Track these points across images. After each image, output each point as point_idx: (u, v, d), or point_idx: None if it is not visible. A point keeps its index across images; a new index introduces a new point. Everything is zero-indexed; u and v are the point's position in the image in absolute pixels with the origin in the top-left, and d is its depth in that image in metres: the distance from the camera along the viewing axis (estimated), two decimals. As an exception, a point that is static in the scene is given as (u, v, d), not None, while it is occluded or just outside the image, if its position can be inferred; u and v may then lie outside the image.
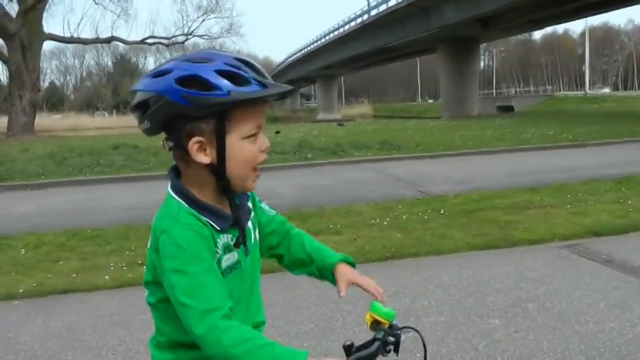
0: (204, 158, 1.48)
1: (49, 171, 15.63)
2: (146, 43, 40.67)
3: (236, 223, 1.59)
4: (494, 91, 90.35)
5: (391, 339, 1.64)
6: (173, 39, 40.88)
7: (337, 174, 14.14)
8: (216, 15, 42.05)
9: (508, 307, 4.71)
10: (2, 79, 76.69)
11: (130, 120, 77.53)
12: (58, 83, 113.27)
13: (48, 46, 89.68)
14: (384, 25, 49.54)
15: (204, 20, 39.67)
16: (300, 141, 20.76)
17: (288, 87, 1.54)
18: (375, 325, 1.68)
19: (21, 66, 31.43)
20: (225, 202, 1.59)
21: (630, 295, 4.86)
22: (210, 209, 1.54)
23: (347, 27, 60.28)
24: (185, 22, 42.96)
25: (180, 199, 1.53)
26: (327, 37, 69.56)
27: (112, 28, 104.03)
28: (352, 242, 7.09)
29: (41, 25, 30.27)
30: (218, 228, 1.54)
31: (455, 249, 6.61)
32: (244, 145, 1.52)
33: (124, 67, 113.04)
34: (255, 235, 1.71)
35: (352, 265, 1.83)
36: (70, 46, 59.10)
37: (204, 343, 1.39)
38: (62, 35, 35.36)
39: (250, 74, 1.47)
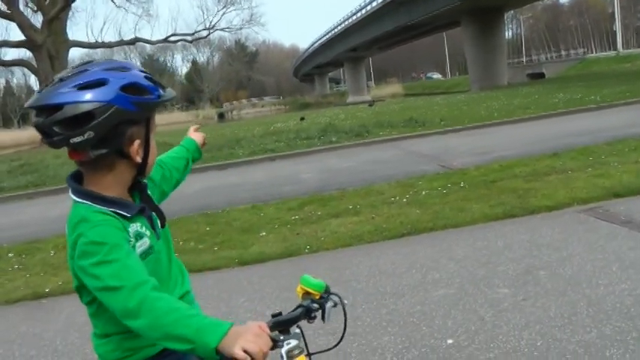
0: (138, 158, 1.64)
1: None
2: (170, 42, 40.94)
3: (142, 210, 1.71)
4: (524, 59, 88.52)
5: (315, 306, 1.71)
6: (196, 34, 41.06)
7: (361, 155, 14.11)
8: (235, 7, 42.15)
9: (519, 275, 4.66)
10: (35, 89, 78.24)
11: (162, 118, 78.64)
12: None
13: (77, 53, 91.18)
14: (406, 1, 48.97)
15: (224, 13, 39.68)
16: (325, 125, 20.75)
17: (174, 93, 1.77)
18: (306, 296, 1.74)
19: (50, 75, 31.78)
20: (129, 196, 1.74)
21: (646, 255, 4.77)
22: (117, 202, 1.64)
23: (369, 7, 59.73)
24: (206, 16, 43.16)
25: (86, 201, 1.61)
26: (351, 20, 69.09)
27: (135, 30, 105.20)
28: (370, 221, 7.09)
29: (66, 34, 30.71)
30: (128, 215, 1.64)
31: (472, 221, 6.54)
32: (154, 142, 1.73)
33: (153, 67, 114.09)
34: (161, 214, 1.84)
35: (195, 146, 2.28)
36: (98, 51, 59.78)
37: (138, 315, 1.46)
38: (87, 41, 35.80)
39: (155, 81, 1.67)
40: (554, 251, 5.14)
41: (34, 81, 69.10)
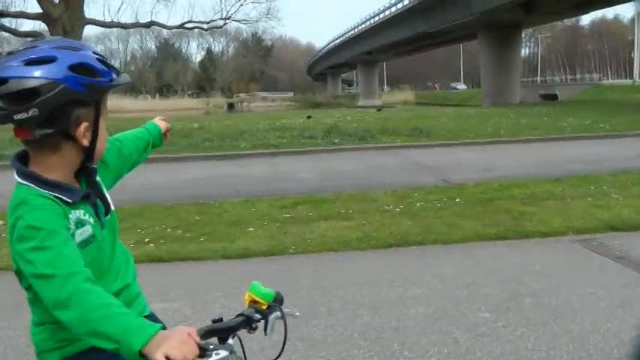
0: (85, 141, 1.58)
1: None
2: (185, 28, 40.60)
3: (87, 197, 1.65)
4: (538, 78, 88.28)
5: (257, 316, 1.64)
6: (212, 23, 40.78)
7: (362, 160, 13.99)
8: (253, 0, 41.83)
9: (503, 300, 4.52)
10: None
11: (173, 103, 78.71)
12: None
13: (93, 31, 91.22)
14: (425, 9, 48.84)
15: (242, 4, 39.40)
16: (330, 126, 20.63)
17: (129, 78, 1.70)
18: (253, 304, 1.68)
19: (62, 49, 31.61)
20: (76, 181, 1.66)
21: (637, 295, 4.62)
22: (61, 186, 1.58)
23: (387, 12, 59.61)
24: (223, 6, 42.75)
25: (29, 183, 1.55)
26: (368, 23, 68.94)
27: (152, 13, 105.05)
28: (359, 228, 6.97)
29: (82, 11, 30.50)
30: (69, 201, 1.57)
31: (463, 239, 6.41)
32: (104, 127, 1.65)
33: (168, 51, 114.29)
34: (109, 203, 1.76)
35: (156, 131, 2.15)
36: (114, 31, 59.92)
37: (67, 306, 1.40)
38: (103, 20, 35.61)
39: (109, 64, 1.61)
40: (543, 279, 4.99)
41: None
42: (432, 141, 16.81)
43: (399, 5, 55.17)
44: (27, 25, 32.68)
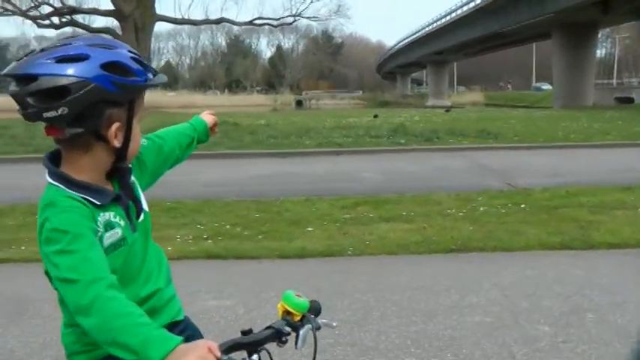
0: (117, 142, 1.55)
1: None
2: (254, 24, 41.14)
3: (118, 199, 1.62)
4: (614, 80, 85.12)
5: (287, 329, 1.58)
6: (281, 20, 41.17)
7: (426, 161, 13.81)
8: (324, -4, 41.98)
9: (564, 314, 4.35)
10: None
11: (241, 99, 79.68)
12: (173, 63, 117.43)
13: (165, 27, 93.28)
14: (496, 9, 47.81)
15: (312, 2, 39.54)
16: (396, 126, 20.48)
17: (165, 78, 1.68)
18: (286, 315, 1.62)
19: (133, 46, 32.25)
20: (108, 182, 1.63)
21: None
22: (90, 188, 1.55)
23: (459, 11, 58.65)
24: (293, 3, 42.84)
25: (59, 184, 1.54)
26: (439, 22, 67.96)
27: (222, 10, 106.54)
28: (420, 231, 6.87)
29: (153, 7, 31.31)
30: (98, 203, 1.55)
31: (525, 247, 6.22)
32: (138, 128, 1.62)
33: (238, 48, 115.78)
34: (143, 207, 1.72)
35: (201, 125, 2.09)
36: (185, 27, 61.03)
37: (89, 313, 1.39)
38: (173, 17, 36.42)
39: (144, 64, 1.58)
40: (608, 294, 4.78)
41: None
42: (500, 143, 16.44)
43: (471, 4, 54.13)
44: (99, 22, 33.88)
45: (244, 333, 1.51)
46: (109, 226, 1.58)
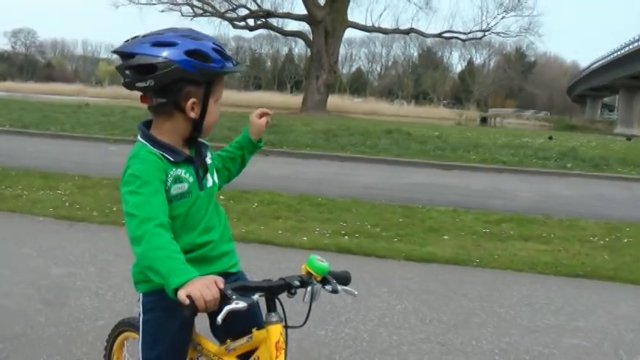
0: (193, 114, 1.94)
1: (316, 144, 17.14)
2: (443, 37, 41.31)
3: (190, 161, 2.00)
4: None
5: (296, 283, 1.81)
6: (470, 34, 40.83)
7: (586, 187, 13.29)
8: (516, 13, 40.84)
9: (669, 351, 4.21)
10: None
11: (427, 111, 79.26)
12: (364, 69, 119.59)
13: (358, 34, 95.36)
14: None
15: (503, 17, 38.82)
16: (568, 149, 19.66)
17: (242, 68, 1.94)
18: (308, 277, 1.86)
19: (322, 50, 34.47)
20: (185, 147, 2.02)
21: None
22: (169, 147, 1.95)
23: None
24: (484, 18, 42.60)
25: (145, 142, 1.96)
26: (636, 44, 62.69)
27: (413, 20, 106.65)
28: (553, 253, 6.80)
29: (346, 14, 32.60)
30: (172, 160, 1.93)
31: (658, 282, 5.94)
32: (214, 107, 2.00)
33: (429, 59, 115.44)
34: (213, 178, 2.13)
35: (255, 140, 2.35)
36: (379, 36, 62.15)
37: (138, 243, 1.75)
38: (364, 24, 37.55)
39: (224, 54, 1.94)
40: None
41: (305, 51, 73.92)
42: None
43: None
44: (291, 25, 35.99)
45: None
46: (178, 179, 1.95)
